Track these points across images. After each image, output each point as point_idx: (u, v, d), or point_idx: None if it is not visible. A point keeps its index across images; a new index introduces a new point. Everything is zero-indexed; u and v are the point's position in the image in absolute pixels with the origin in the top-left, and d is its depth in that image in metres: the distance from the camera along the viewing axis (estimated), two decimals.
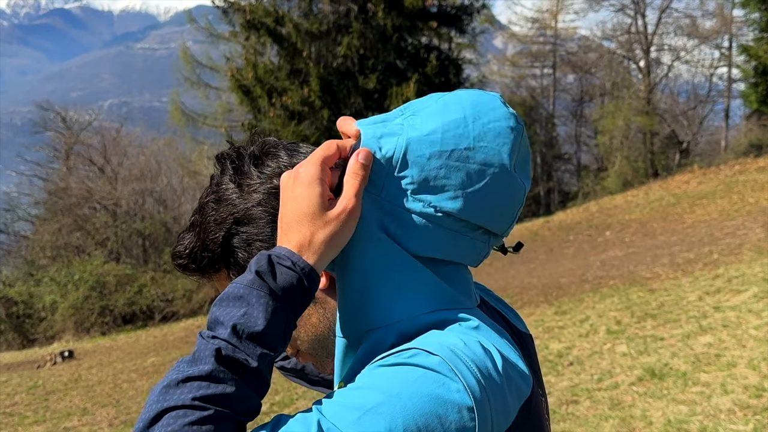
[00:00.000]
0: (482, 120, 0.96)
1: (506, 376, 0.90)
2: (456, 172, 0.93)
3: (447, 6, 24.74)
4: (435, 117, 0.95)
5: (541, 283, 12.38)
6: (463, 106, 0.97)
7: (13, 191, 40.12)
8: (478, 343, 0.91)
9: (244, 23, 22.44)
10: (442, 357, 0.85)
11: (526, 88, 39.24)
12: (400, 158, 0.93)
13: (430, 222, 0.94)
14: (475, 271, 7.18)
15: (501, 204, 0.96)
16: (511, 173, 0.96)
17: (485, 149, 0.95)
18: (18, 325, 23.18)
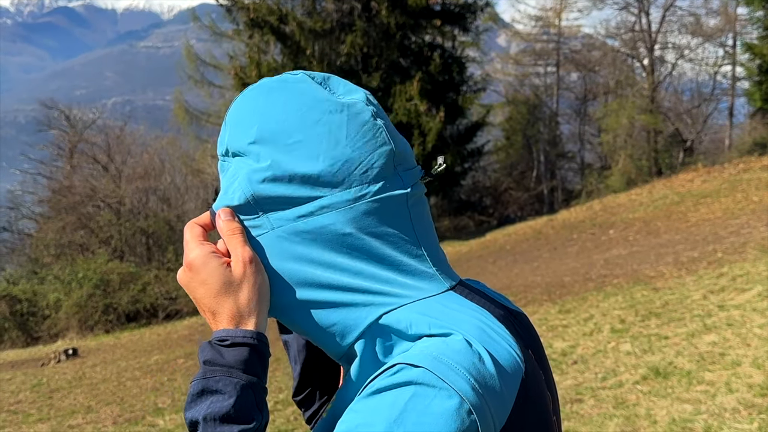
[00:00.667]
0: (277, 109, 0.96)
1: (495, 365, 0.89)
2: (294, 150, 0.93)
3: (451, 4, 24.75)
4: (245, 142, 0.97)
5: (544, 282, 12.38)
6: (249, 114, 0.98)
7: (16, 189, 40.16)
8: (460, 339, 0.89)
9: (247, 21, 22.47)
10: (426, 367, 0.84)
11: (530, 86, 39.16)
12: (252, 192, 0.94)
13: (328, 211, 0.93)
14: (478, 269, 7.24)
15: (350, 140, 0.94)
16: (335, 109, 0.95)
17: (296, 115, 0.95)
18: (22, 323, 23.20)
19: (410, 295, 0.96)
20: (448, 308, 0.95)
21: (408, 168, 0.98)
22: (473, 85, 26.77)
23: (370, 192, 0.94)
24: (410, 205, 0.98)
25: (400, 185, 0.96)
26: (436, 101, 22.27)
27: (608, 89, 36.28)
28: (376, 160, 0.94)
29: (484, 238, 22.72)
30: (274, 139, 0.94)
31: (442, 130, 22.02)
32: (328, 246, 0.94)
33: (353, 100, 0.96)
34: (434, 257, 1.01)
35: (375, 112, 0.97)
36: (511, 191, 35.04)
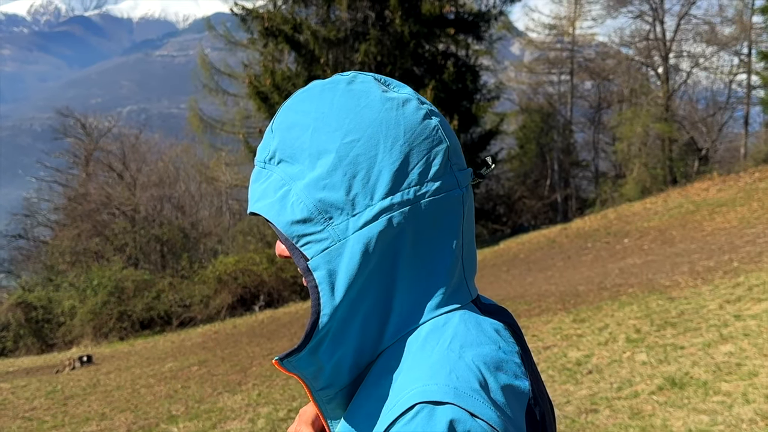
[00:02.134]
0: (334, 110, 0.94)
1: (508, 387, 0.87)
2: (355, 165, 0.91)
3: (464, 13, 24.78)
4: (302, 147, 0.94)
5: (558, 291, 12.32)
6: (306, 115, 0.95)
7: (33, 197, 40.47)
8: (475, 365, 0.86)
9: (262, 30, 22.58)
10: (453, 402, 0.81)
11: (543, 94, 39.15)
12: (314, 203, 0.92)
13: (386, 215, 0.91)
14: (492, 278, 7.22)
15: (408, 139, 0.92)
16: (389, 116, 0.93)
17: (353, 118, 0.93)
18: (37, 330, 23.33)
19: (439, 311, 0.94)
20: (467, 324, 0.93)
21: (462, 167, 0.97)
22: (487, 94, 26.78)
23: (428, 191, 0.92)
24: (465, 205, 0.96)
25: (455, 185, 0.95)
26: (449, 109, 22.27)
27: (622, 97, 36.18)
28: (433, 158, 0.92)
29: (497, 246, 22.66)
30: (332, 141, 0.92)
31: None
32: (387, 251, 0.92)
33: (408, 98, 0.95)
34: (469, 266, 1.00)
35: (430, 110, 0.96)
36: (524, 199, 34.98)
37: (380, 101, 0.93)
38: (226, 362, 11.74)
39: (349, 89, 0.95)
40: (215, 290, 21.49)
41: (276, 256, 20.74)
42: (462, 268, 0.98)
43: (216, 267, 22.23)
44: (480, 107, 24.16)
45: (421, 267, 0.94)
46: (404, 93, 0.96)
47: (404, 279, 0.93)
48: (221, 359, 12.21)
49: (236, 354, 12.46)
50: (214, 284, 21.58)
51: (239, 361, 11.49)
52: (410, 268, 0.93)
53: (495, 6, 25.39)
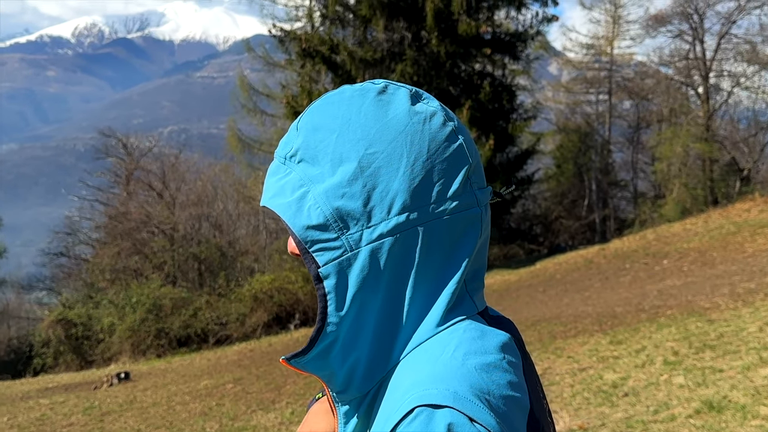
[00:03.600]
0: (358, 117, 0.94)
1: (512, 398, 0.86)
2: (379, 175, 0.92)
3: (501, 33, 24.80)
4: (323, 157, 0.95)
5: (595, 312, 12.17)
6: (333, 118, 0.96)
7: (75, 215, 41.21)
8: (477, 372, 0.86)
9: (299, 51, 22.83)
10: (452, 407, 0.81)
11: (581, 114, 38.86)
12: (332, 210, 0.92)
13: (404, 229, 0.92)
14: (528, 298, 7.18)
15: (431, 155, 0.92)
16: (413, 127, 0.93)
17: (378, 130, 0.93)
18: (77, 347, 23.65)
19: (446, 324, 0.94)
20: (471, 334, 0.92)
21: (482, 186, 0.97)
22: (523, 113, 26.71)
23: (446, 210, 0.92)
24: (483, 223, 0.97)
25: (474, 203, 0.95)
26: (485, 129, 22.25)
27: (662, 117, 35.77)
28: (454, 177, 0.93)
29: (533, 267, 22.47)
30: (355, 149, 0.92)
31: (491, 158, 21.97)
32: (399, 266, 0.92)
33: (435, 114, 0.95)
34: (478, 280, 1.00)
35: (456, 127, 0.96)
36: (562, 220, 34.67)
37: (407, 115, 0.94)
38: (260, 380, 11.78)
39: (378, 99, 0.95)
40: (251, 308, 21.61)
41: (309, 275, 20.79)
42: (465, 284, 0.98)
43: (252, 285, 22.37)
44: (516, 127, 24.09)
45: (432, 283, 0.94)
46: (432, 107, 0.96)
47: (415, 294, 0.93)
48: (256, 377, 12.25)
49: (271, 372, 12.49)
50: (250, 302, 21.70)
51: (273, 380, 11.52)
52: (422, 283, 0.93)
53: (532, 26, 25.37)
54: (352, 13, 23.50)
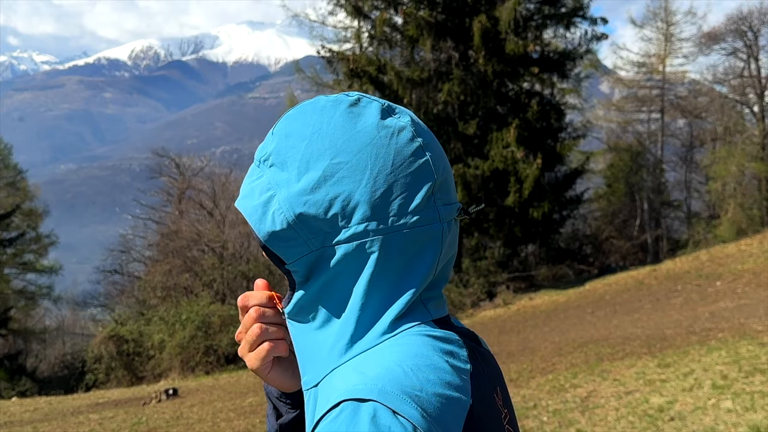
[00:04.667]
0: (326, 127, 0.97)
1: (446, 397, 0.88)
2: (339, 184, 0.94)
3: (549, 52, 24.65)
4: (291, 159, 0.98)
5: (644, 334, 11.92)
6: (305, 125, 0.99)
7: (128, 233, 42.07)
8: (412, 371, 0.89)
9: (347, 72, 23.03)
10: (376, 400, 0.84)
11: (633, 132, 38.34)
12: (293, 215, 0.96)
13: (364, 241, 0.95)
14: (576, 320, 7.07)
15: (395, 169, 0.94)
16: (383, 140, 0.95)
17: (340, 144, 0.95)
18: (128, 363, 24.03)
19: (395, 332, 0.96)
20: (415, 338, 0.95)
21: (447, 203, 0.99)
22: (572, 132, 26.45)
23: (406, 223, 0.94)
24: (444, 239, 0.98)
25: (436, 219, 0.96)
26: (533, 148, 22.10)
27: (716, 136, 35.13)
28: (417, 191, 0.95)
29: (583, 287, 22.15)
30: (321, 158, 0.95)
31: (539, 177, 21.78)
32: (355, 275, 0.95)
33: (404, 129, 0.97)
34: (437, 289, 1.02)
35: (424, 143, 0.97)
36: (612, 240, 34.14)
37: (376, 128, 0.96)
38: None
39: (349, 111, 0.98)
40: None
41: None
42: (419, 295, 0.99)
43: None
44: (565, 146, 23.85)
45: (387, 292, 0.96)
46: (402, 122, 0.98)
47: (368, 302, 0.96)
48: None
49: None
50: None
51: None
52: (376, 292, 0.96)
53: (580, 45, 25.17)
54: (400, 34, 23.64)
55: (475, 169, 21.82)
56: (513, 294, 22.44)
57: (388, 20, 23.29)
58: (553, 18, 24.59)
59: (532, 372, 10.37)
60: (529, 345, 13.63)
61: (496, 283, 23.46)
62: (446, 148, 22.68)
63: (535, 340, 14.11)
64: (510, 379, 10.20)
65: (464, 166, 21.85)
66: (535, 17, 24.07)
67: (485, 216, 23.21)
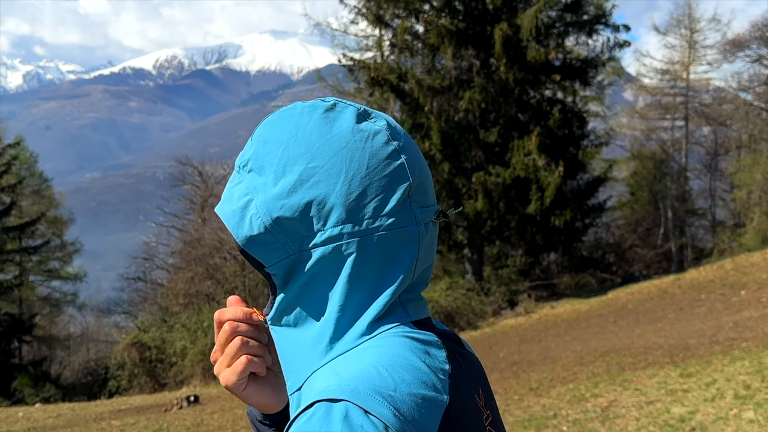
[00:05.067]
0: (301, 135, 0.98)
1: (422, 396, 0.89)
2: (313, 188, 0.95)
3: (571, 59, 24.54)
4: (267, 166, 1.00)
5: (667, 344, 11.80)
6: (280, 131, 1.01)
7: (152, 241, 42.41)
8: (387, 371, 0.89)
9: (368, 80, 23.08)
10: (348, 400, 0.85)
11: (657, 140, 38.04)
12: (270, 220, 0.97)
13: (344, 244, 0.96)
14: (598, 329, 7.04)
15: (370, 172, 0.95)
16: (358, 143, 0.96)
17: (317, 148, 0.97)
18: (150, 370, 24.16)
19: (373, 334, 0.97)
20: (392, 339, 0.95)
21: (424, 205, 0.99)
22: (595, 140, 26.29)
23: (381, 225, 0.95)
24: (421, 242, 0.99)
25: (412, 221, 0.97)
26: (555, 156, 21.98)
27: (741, 143, 34.77)
28: (392, 194, 0.96)
29: (605, 296, 21.98)
30: (298, 162, 0.96)
31: (561, 185, 21.65)
32: (332, 277, 0.97)
33: (379, 132, 0.98)
34: (415, 291, 1.03)
35: (400, 146, 0.99)
36: (636, 248, 33.87)
37: (351, 132, 0.97)
38: None
39: (325, 116, 0.99)
40: None
41: None
42: (398, 296, 1.00)
43: None
44: (587, 153, 23.70)
45: (365, 294, 0.97)
46: (377, 126, 0.99)
47: (347, 304, 0.97)
48: None
49: None
50: None
51: None
52: (354, 294, 0.97)
53: (603, 52, 25.04)
54: (421, 42, 23.67)
55: (496, 177, 21.75)
56: (535, 302, 22.31)
57: (410, 28, 23.33)
58: (575, 25, 24.50)
59: (553, 381, 10.29)
60: (550, 354, 13.54)
61: (518, 291, 23.34)
62: (467, 156, 22.62)
63: (557, 349, 14.01)
64: (530, 389, 10.13)
65: (485, 174, 21.79)
66: (557, 25, 23.98)
67: (507, 224, 23.12)
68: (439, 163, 22.06)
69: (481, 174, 21.70)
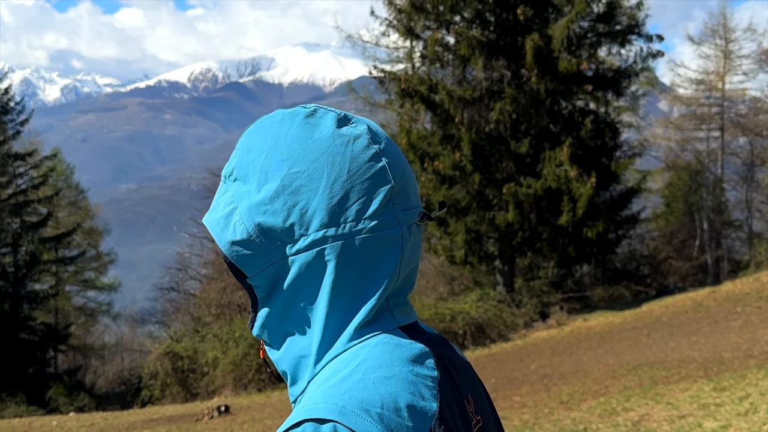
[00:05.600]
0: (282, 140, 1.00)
1: (410, 407, 0.89)
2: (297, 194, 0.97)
3: (604, 69, 24.37)
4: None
5: (701, 357, 11.62)
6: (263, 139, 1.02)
7: (185, 252, 42.80)
8: (374, 385, 0.90)
9: (398, 91, 23.13)
10: (336, 420, 0.85)
11: (692, 151, 37.58)
12: (254, 226, 0.98)
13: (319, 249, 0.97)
14: (631, 341, 7.00)
15: (351, 176, 0.96)
16: (338, 147, 0.98)
17: (298, 151, 0.98)
18: (183, 379, 24.35)
19: (361, 339, 0.98)
20: (382, 348, 0.95)
21: (407, 207, 1.00)
22: (628, 150, 26.03)
23: (364, 228, 0.96)
24: (405, 244, 0.99)
25: (395, 224, 0.98)
26: (587, 167, 21.80)
27: None
28: (374, 197, 0.97)
29: (639, 309, 21.71)
30: (279, 168, 0.98)
31: (593, 196, 21.46)
32: (317, 281, 0.97)
33: (359, 137, 0.99)
34: (401, 296, 1.03)
35: (381, 149, 1.00)
36: (671, 260, 33.43)
37: (331, 137, 0.98)
38: None
39: (305, 121, 1.01)
40: None
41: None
42: (386, 300, 1.01)
43: None
44: (620, 164, 23.45)
45: (350, 298, 0.98)
46: (358, 131, 1.00)
47: (333, 309, 0.97)
48: None
49: None
50: None
51: None
52: (340, 298, 0.97)
53: (636, 62, 24.82)
54: (452, 53, 23.67)
55: (528, 188, 21.63)
56: (567, 315, 22.10)
57: (440, 40, 23.35)
58: (607, 35, 24.32)
59: (584, 395, 10.18)
60: (582, 367, 13.40)
61: (550, 303, 23.15)
62: (498, 167, 22.53)
63: (589, 362, 13.86)
64: (561, 402, 10.03)
65: (516, 185, 21.68)
66: (589, 35, 23.84)
67: (538, 235, 22.97)
68: (469, 174, 22.00)
69: (512, 185, 21.60)
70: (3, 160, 31.73)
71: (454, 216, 22.42)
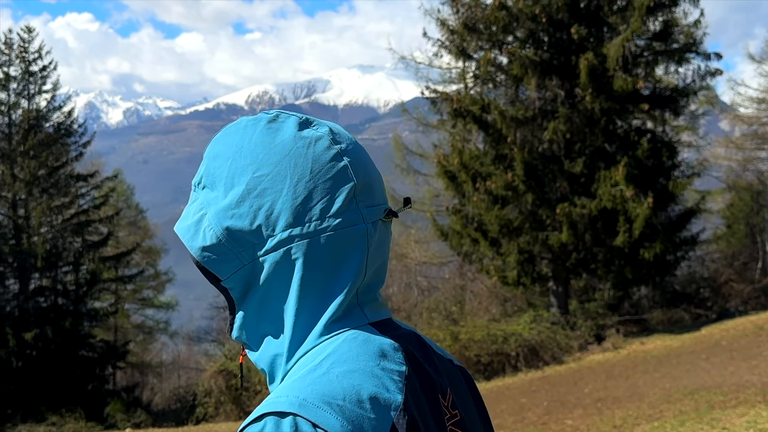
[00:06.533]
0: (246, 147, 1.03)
1: (373, 400, 0.90)
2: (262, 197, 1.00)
3: (660, 88, 23.97)
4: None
5: (761, 382, 11.26)
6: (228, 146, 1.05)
7: None
8: (337, 378, 0.91)
9: (451, 112, 23.15)
10: (296, 413, 0.87)
11: (754, 171, 36.68)
12: (222, 230, 1.02)
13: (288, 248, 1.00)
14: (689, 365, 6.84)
15: (313, 176, 0.99)
16: (301, 149, 1.01)
17: (261, 157, 1.01)
18: (236, 398, 24.57)
19: (330, 335, 1.00)
20: (349, 344, 0.97)
21: (371, 204, 1.03)
22: (686, 170, 25.48)
23: (329, 226, 0.99)
24: (370, 240, 1.02)
25: (360, 220, 1.01)
26: (643, 187, 21.41)
27: None
28: (337, 196, 1.00)
29: (698, 332, 21.16)
30: (244, 173, 1.01)
31: (650, 217, 21.03)
32: (286, 280, 1.00)
33: (321, 138, 1.03)
34: (372, 293, 1.06)
35: (342, 149, 1.03)
36: (732, 283, 32.54)
37: (293, 140, 1.02)
38: None
39: (268, 126, 1.05)
40: None
41: (458, 333, 20.72)
42: (356, 296, 1.03)
43: None
44: (678, 184, 22.95)
45: (319, 295, 1.00)
46: (319, 133, 1.04)
47: (302, 306, 1.00)
48: None
49: None
50: None
51: None
52: (308, 296, 1.00)
53: (694, 81, 24.36)
54: (504, 73, 23.59)
55: (582, 209, 21.33)
56: (623, 338, 21.65)
57: (493, 60, 23.29)
58: (664, 54, 23.92)
59: (638, 419, 9.95)
60: (637, 391, 13.10)
61: (605, 326, 22.72)
62: (551, 187, 22.28)
63: (644, 386, 13.55)
64: (614, 426, 9.82)
65: (570, 205, 21.40)
66: (645, 53, 23.49)
67: (593, 257, 22.60)
68: (522, 194, 21.82)
69: (566, 205, 21.34)
70: (66, 181, 32.65)
71: (507, 236, 22.24)
